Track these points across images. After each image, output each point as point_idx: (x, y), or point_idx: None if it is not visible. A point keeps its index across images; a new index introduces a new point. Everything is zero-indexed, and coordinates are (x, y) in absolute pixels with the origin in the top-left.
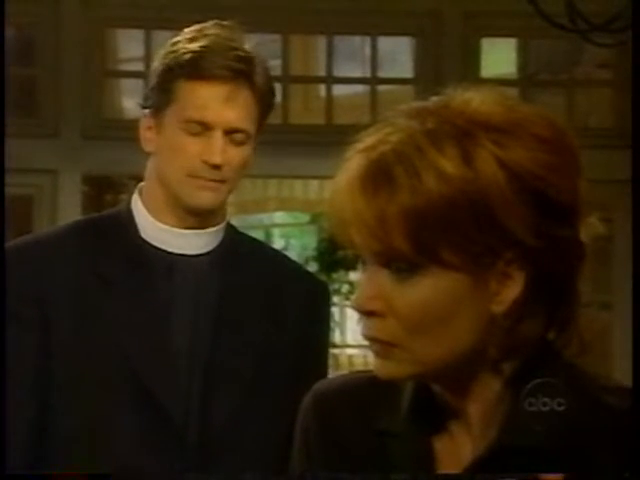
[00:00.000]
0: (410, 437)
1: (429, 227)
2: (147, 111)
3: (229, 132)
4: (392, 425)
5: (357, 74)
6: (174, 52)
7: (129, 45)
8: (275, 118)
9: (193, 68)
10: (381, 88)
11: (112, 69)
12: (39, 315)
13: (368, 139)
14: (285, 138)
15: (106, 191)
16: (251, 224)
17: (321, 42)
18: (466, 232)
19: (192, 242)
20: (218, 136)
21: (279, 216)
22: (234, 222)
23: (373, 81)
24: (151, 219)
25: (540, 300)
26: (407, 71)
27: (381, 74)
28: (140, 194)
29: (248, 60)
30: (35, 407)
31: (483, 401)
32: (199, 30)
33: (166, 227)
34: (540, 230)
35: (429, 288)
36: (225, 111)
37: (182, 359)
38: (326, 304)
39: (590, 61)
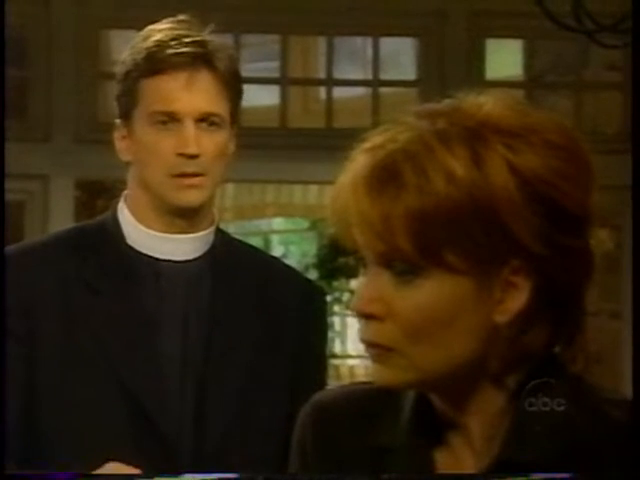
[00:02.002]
0: (410, 452)
1: (434, 228)
2: (118, 121)
3: (200, 120)
4: (392, 440)
5: (358, 76)
6: (131, 55)
7: (123, 47)
8: (273, 121)
9: (150, 64)
10: (383, 90)
11: (105, 71)
12: (26, 325)
13: (376, 138)
14: (284, 142)
15: (99, 196)
16: (249, 230)
17: (321, 43)
18: (472, 235)
19: (180, 247)
20: (189, 125)
21: (278, 222)
22: (231, 228)
23: (375, 83)
24: (138, 225)
25: (546, 311)
26: (410, 73)
27: (383, 76)
28: (125, 201)
29: (203, 44)
30: (22, 415)
31: (485, 415)
32: (152, 28)
33: (153, 233)
34: (548, 239)
35: (431, 291)
36: (189, 97)
37: (174, 367)
38: (321, 309)
39: (598, 63)
